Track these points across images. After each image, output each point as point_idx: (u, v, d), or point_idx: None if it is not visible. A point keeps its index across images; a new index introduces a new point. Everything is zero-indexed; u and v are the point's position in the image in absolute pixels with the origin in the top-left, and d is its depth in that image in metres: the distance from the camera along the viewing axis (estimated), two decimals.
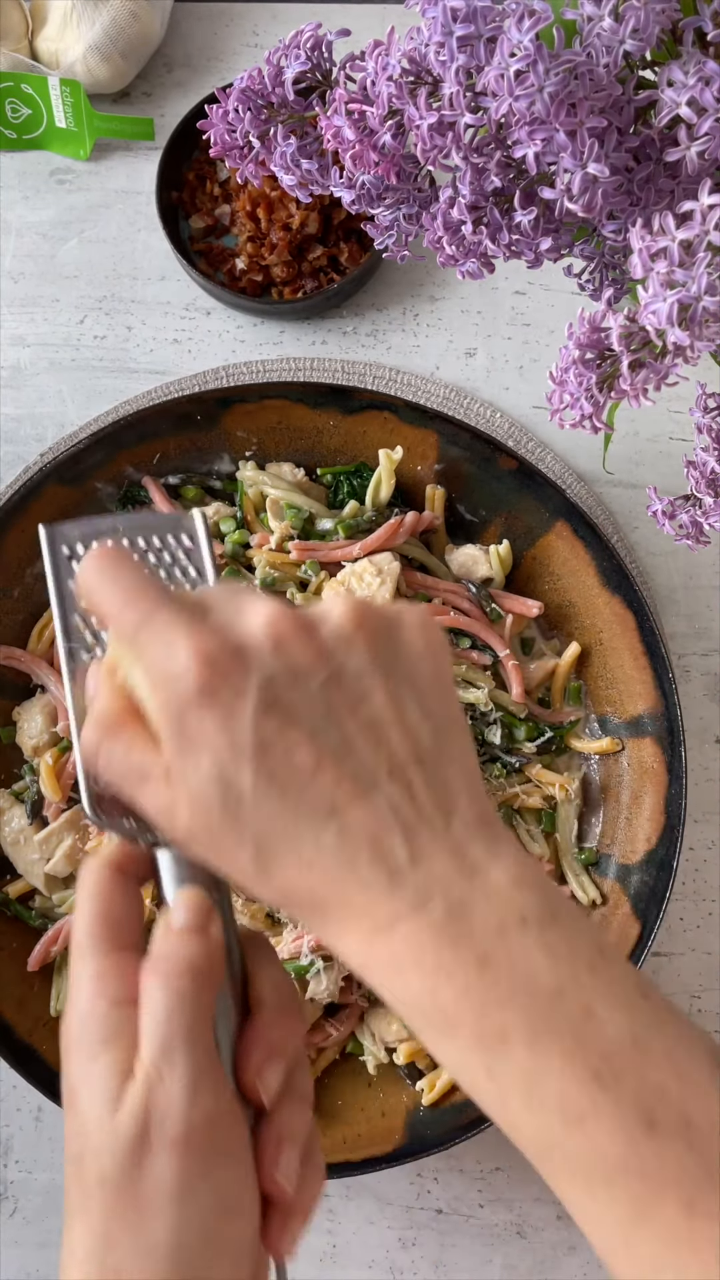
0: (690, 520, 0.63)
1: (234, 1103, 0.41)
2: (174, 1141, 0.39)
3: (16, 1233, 0.76)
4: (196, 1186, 0.39)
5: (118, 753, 0.41)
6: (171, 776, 0.40)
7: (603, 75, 0.43)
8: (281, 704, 0.39)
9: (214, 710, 0.38)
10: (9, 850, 0.77)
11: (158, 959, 0.42)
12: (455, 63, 0.43)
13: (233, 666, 0.39)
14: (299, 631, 0.40)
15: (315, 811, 0.38)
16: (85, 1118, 0.40)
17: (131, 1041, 0.41)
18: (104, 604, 0.42)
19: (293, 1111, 0.43)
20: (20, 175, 0.93)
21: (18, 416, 0.88)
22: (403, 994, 0.39)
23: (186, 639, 0.39)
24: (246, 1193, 0.41)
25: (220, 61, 0.96)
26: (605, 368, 0.50)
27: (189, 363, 0.89)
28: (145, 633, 0.40)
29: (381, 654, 0.41)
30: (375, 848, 0.38)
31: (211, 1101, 0.40)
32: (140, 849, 0.45)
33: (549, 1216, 0.76)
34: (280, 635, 0.40)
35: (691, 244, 0.44)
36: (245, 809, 0.38)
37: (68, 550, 0.47)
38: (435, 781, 0.40)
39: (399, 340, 0.90)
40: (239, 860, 0.39)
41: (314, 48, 0.49)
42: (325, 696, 0.39)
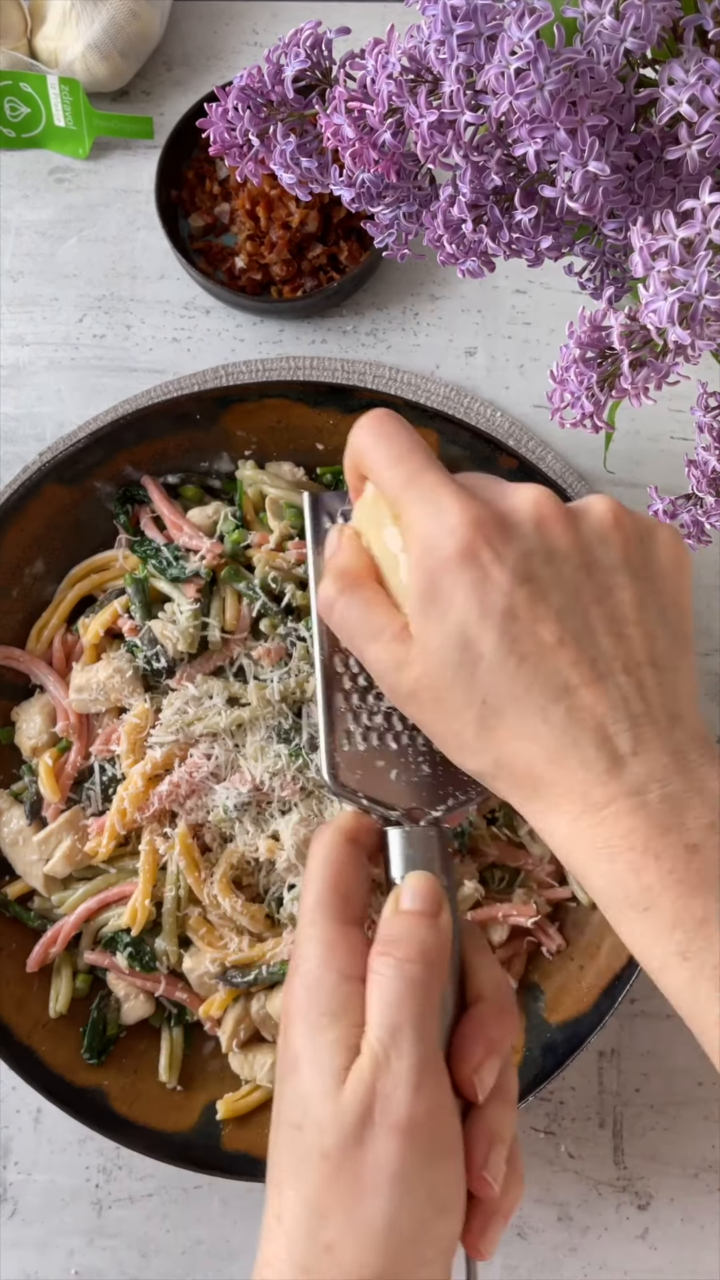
0: (691, 519, 0.63)
1: (452, 1098, 0.41)
2: (396, 1127, 0.39)
3: (16, 1234, 0.76)
4: (413, 1176, 0.39)
5: (355, 606, 0.43)
6: (411, 631, 0.41)
7: (603, 73, 0.43)
8: (536, 578, 0.40)
9: (471, 571, 0.39)
10: (7, 851, 0.77)
11: (390, 941, 0.42)
12: (455, 61, 0.43)
13: (496, 534, 0.40)
14: (561, 516, 0.41)
15: (549, 686, 0.39)
16: (308, 1089, 0.40)
17: (358, 1018, 0.41)
18: (373, 460, 0.43)
19: (502, 1111, 0.43)
20: (19, 174, 0.93)
21: (17, 415, 0.88)
22: (605, 872, 0.39)
23: (455, 500, 0.40)
24: (457, 1190, 0.41)
25: (220, 60, 0.96)
26: (606, 367, 0.50)
27: (188, 362, 0.89)
28: (414, 489, 0.41)
29: (634, 556, 0.42)
30: (600, 732, 0.39)
31: (434, 1092, 0.40)
32: (373, 824, 0.45)
33: (549, 1218, 0.76)
34: (544, 515, 0.41)
35: (692, 242, 0.44)
36: (481, 670, 0.40)
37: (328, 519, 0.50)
38: (665, 686, 0.41)
39: (399, 339, 0.89)
40: (461, 720, 0.40)
41: (314, 46, 0.49)
42: (576, 581, 0.41)
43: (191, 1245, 0.76)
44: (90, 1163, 0.77)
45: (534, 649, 0.39)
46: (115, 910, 0.75)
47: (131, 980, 0.75)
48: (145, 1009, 0.75)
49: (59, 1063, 0.73)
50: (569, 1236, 0.76)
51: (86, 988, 0.76)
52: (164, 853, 0.73)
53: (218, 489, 0.82)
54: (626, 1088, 0.78)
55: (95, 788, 0.76)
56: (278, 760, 0.72)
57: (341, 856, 0.45)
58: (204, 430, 0.79)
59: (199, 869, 0.73)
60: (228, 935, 0.73)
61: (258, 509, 0.80)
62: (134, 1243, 0.76)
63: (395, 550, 0.43)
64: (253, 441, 0.80)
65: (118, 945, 0.75)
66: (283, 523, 0.78)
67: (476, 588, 0.39)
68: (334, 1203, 0.39)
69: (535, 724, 0.39)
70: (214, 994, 0.74)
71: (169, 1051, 0.75)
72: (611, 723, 0.39)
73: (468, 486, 0.42)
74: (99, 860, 0.75)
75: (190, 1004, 0.75)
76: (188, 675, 0.75)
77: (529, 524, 0.41)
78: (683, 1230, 0.76)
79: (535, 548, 0.40)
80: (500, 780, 0.41)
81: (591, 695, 0.39)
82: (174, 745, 0.73)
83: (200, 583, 0.76)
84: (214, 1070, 0.76)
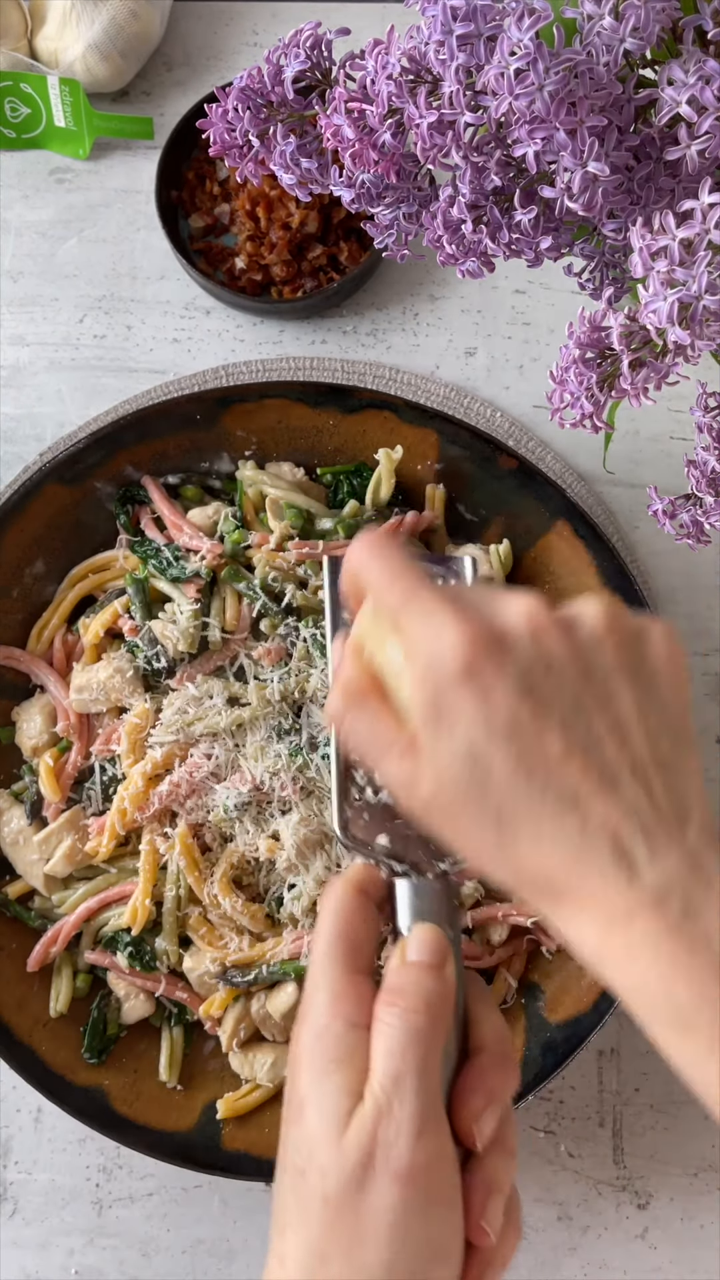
0: (691, 519, 0.63)
1: (452, 1147, 0.42)
2: (397, 1174, 0.40)
3: (16, 1233, 0.76)
4: (413, 1223, 0.40)
5: (364, 721, 0.44)
6: (419, 749, 0.41)
7: (603, 74, 0.43)
8: (537, 691, 0.40)
9: (473, 688, 0.40)
10: (8, 851, 0.77)
11: (396, 991, 0.43)
12: (455, 61, 0.43)
13: (495, 650, 0.40)
14: (556, 626, 0.42)
15: (560, 798, 0.40)
16: (313, 1134, 0.41)
17: (363, 1065, 0.42)
18: (371, 579, 0.44)
19: (502, 1161, 0.44)
20: (19, 174, 0.93)
21: (17, 416, 0.88)
22: (637, 985, 0.39)
23: (453, 618, 0.41)
24: (456, 1238, 0.42)
25: (220, 60, 0.96)
26: (606, 367, 0.50)
27: (188, 362, 0.89)
28: (411, 608, 0.42)
29: (630, 659, 0.43)
30: (615, 840, 0.39)
31: (435, 1141, 0.41)
32: (383, 876, 0.47)
33: (550, 1217, 0.76)
34: (539, 627, 0.42)
35: (692, 243, 0.44)
36: (492, 786, 0.40)
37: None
38: (673, 788, 0.41)
39: (399, 339, 0.89)
40: (479, 834, 0.41)
41: (313, 46, 0.49)
42: (577, 690, 0.41)
43: (192, 1245, 0.76)
44: (90, 1162, 0.77)
45: (541, 761, 0.40)
46: (115, 910, 0.75)
47: (132, 980, 0.75)
48: (145, 1008, 0.75)
49: (59, 1062, 0.73)
50: (569, 1236, 0.76)
51: (87, 987, 0.76)
52: (164, 852, 0.73)
53: (218, 489, 0.82)
54: (626, 1087, 0.78)
55: (95, 788, 0.76)
56: (278, 760, 0.72)
57: (350, 907, 0.46)
58: (204, 430, 0.79)
59: (199, 869, 0.73)
60: (228, 935, 0.73)
61: (258, 509, 0.80)
62: (134, 1242, 0.76)
63: (397, 664, 0.43)
64: (253, 442, 0.80)
65: (118, 945, 0.75)
66: (283, 523, 0.78)
67: (480, 704, 0.40)
68: (334, 1247, 0.40)
69: (550, 836, 0.40)
70: (214, 993, 0.74)
71: (169, 1051, 0.75)
72: (624, 830, 0.39)
73: (462, 601, 0.42)
74: (99, 860, 0.75)
75: (190, 1003, 0.75)
76: (188, 675, 0.75)
77: (525, 637, 0.41)
78: (682, 1229, 0.76)
79: (534, 660, 0.41)
80: (525, 889, 0.41)
81: (602, 804, 0.40)
82: (174, 745, 0.73)
83: (200, 583, 0.76)
84: (214, 1070, 0.76)
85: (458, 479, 0.80)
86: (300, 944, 0.72)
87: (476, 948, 0.74)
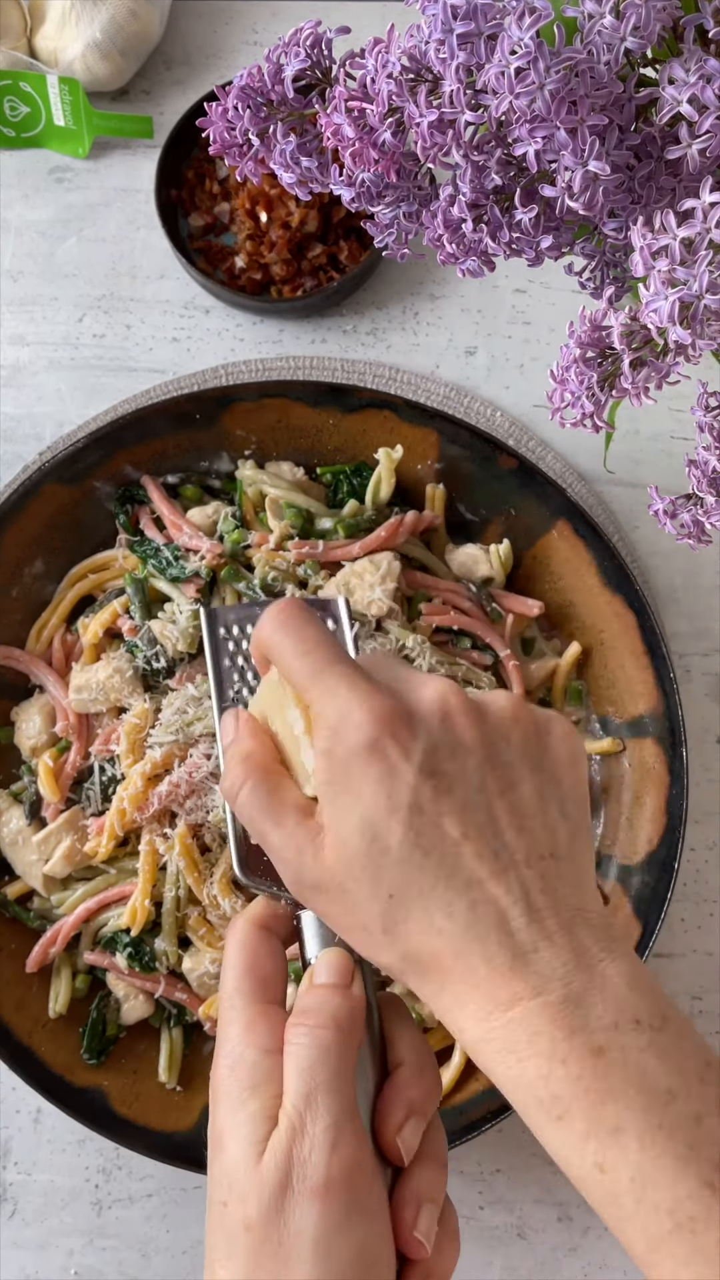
0: (691, 519, 0.63)
1: (373, 1159, 0.42)
2: (314, 1189, 0.40)
3: (16, 1234, 0.76)
4: (335, 1239, 0.40)
5: (261, 792, 0.44)
6: (319, 822, 0.42)
7: (604, 73, 0.43)
8: (440, 772, 0.41)
9: (378, 765, 0.40)
10: (7, 851, 0.76)
11: (303, 1012, 0.43)
12: (455, 60, 0.43)
13: (402, 729, 0.41)
14: (465, 710, 0.42)
15: (454, 879, 0.40)
16: (232, 1164, 0.41)
17: (278, 1089, 0.42)
18: (280, 653, 0.44)
19: (430, 1173, 0.44)
20: (19, 174, 0.93)
21: (16, 415, 0.88)
22: (514, 1075, 0.39)
23: (364, 696, 0.41)
24: (384, 1249, 0.42)
25: (219, 59, 0.96)
26: (606, 366, 0.50)
27: (188, 361, 0.89)
28: (323, 682, 0.42)
29: (533, 750, 0.43)
30: (503, 926, 0.40)
31: (351, 1153, 0.41)
32: (285, 910, 0.47)
33: (549, 1218, 0.76)
34: (448, 710, 0.42)
35: (693, 242, 0.44)
36: (388, 863, 0.40)
37: (224, 630, 0.52)
38: (566, 877, 0.41)
39: (399, 339, 0.89)
40: (368, 913, 0.41)
41: (314, 45, 0.49)
42: (481, 775, 0.41)
43: (191, 1245, 0.76)
44: (90, 1163, 0.77)
45: (438, 842, 0.40)
46: (115, 910, 0.75)
47: (131, 980, 0.75)
48: (145, 1009, 0.75)
49: (59, 1063, 0.73)
50: (569, 1236, 0.76)
51: (86, 988, 0.76)
52: (164, 853, 0.73)
53: (217, 489, 0.82)
54: None
55: (95, 788, 0.76)
56: None
57: (254, 942, 0.46)
58: (204, 430, 0.79)
59: (199, 869, 0.73)
60: None
61: (257, 509, 0.80)
62: (134, 1243, 0.76)
63: (298, 733, 0.44)
64: (252, 441, 0.80)
65: (117, 945, 0.75)
66: (282, 522, 0.78)
67: (383, 781, 0.40)
68: (262, 1272, 0.40)
69: (440, 917, 0.40)
70: (214, 994, 0.74)
71: (168, 1052, 0.75)
72: (513, 916, 0.40)
73: (375, 676, 0.43)
74: (98, 860, 0.75)
75: (190, 1004, 0.75)
76: (187, 675, 0.75)
77: (434, 718, 0.41)
78: None
79: (440, 742, 0.41)
80: (409, 975, 0.41)
81: (495, 888, 0.40)
82: (174, 745, 0.73)
83: (200, 582, 0.76)
84: None
85: (458, 479, 0.80)
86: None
87: None
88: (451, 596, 0.79)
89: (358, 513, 0.79)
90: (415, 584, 0.78)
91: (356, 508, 0.79)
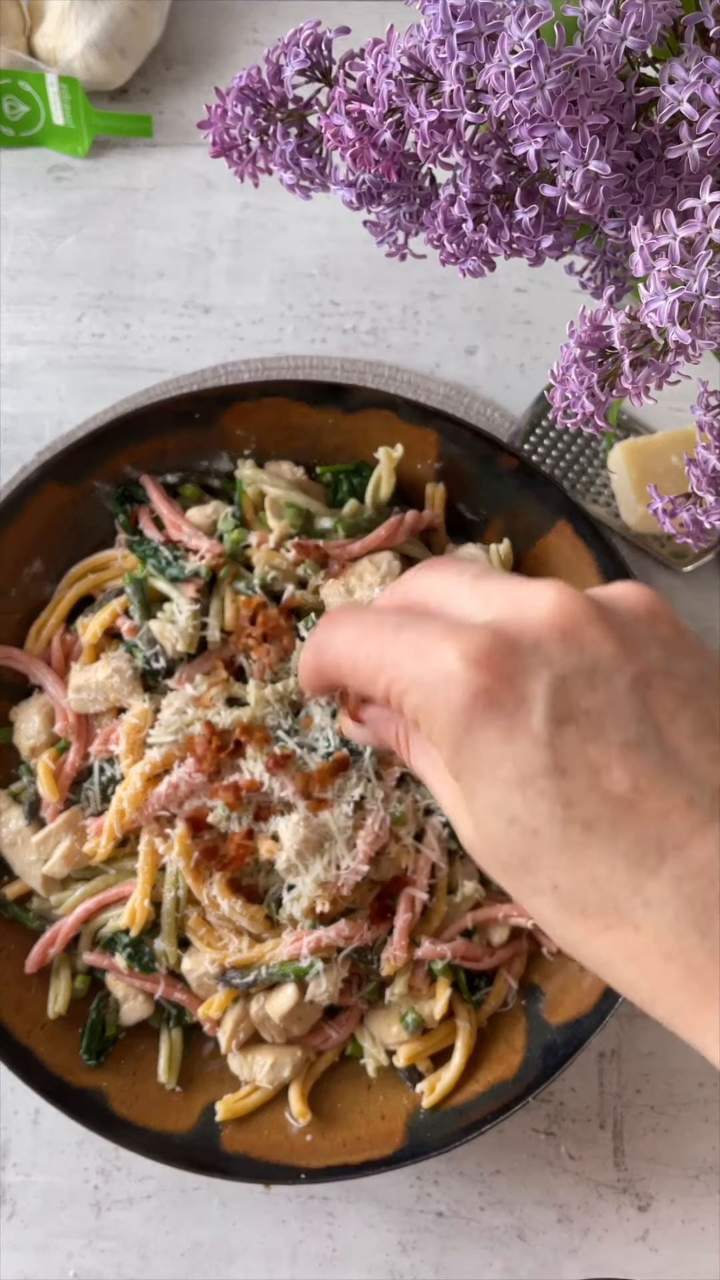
0: (691, 518, 0.63)
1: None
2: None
3: (15, 1235, 0.76)
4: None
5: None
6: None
7: (604, 72, 0.43)
8: (581, 711, 0.31)
9: (494, 725, 0.31)
10: (6, 852, 0.76)
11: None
12: (455, 60, 0.43)
13: (512, 666, 0.31)
14: (593, 617, 0.32)
15: (640, 852, 0.30)
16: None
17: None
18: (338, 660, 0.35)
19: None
20: (18, 172, 0.93)
21: (15, 415, 0.88)
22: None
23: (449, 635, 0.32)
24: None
25: (219, 58, 0.96)
26: (606, 366, 0.50)
27: (187, 360, 0.89)
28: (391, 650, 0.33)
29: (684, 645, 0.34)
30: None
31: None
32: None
33: (550, 1220, 0.76)
34: (570, 623, 0.32)
35: (693, 242, 0.44)
36: (541, 849, 0.31)
37: None
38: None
39: (399, 338, 0.89)
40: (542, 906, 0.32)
41: (313, 45, 0.49)
42: (638, 698, 0.31)
43: (191, 1247, 0.76)
44: (89, 1164, 0.77)
45: (603, 807, 0.30)
46: (114, 911, 0.75)
47: (130, 981, 0.75)
48: (144, 1010, 0.75)
49: (58, 1064, 0.72)
50: (569, 1238, 0.76)
51: (85, 989, 0.76)
52: (163, 853, 0.73)
53: (217, 488, 0.82)
54: (627, 1089, 0.78)
55: (94, 788, 0.76)
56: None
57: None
58: (203, 429, 0.79)
59: (198, 870, 0.72)
60: (227, 936, 0.73)
61: (257, 508, 0.80)
62: (133, 1244, 0.76)
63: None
64: (252, 440, 0.80)
65: (117, 946, 0.74)
66: (282, 522, 0.77)
67: (507, 745, 0.31)
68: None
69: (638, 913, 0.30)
70: (213, 995, 0.74)
71: (168, 1052, 0.75)
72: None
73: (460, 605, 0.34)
74: (97, 861, 0.75)
75: (189, 1005, 0.75)
76: (187, 675, 0.75)
77: (553, 640, 0.32)
78: (683, 1232, 0.76)
79: (571, 670, 0.31)
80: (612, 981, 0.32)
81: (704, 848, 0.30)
82: (173, 746, 0.73)
83: (200, 582, 0.76)
84: (213, 1071, 0.76)
85: (458, 478, 0.80)
86: (299, 945, 0.71)
87: (477, 949, 0.74)
88: None
89: (358, 512, 0.78)
90: None
91: (356, 507, 0.79)
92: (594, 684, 0.31)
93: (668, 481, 0.78)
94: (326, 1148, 0.72)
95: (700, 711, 0.31)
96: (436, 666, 0.31)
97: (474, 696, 0.31)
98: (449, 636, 0.31)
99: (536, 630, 0.32)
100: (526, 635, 0.32)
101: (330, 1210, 0.76)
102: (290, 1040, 0.74)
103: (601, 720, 0.31)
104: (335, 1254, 0.76)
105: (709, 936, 0.29)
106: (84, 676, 0.75)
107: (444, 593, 0.35)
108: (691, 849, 0.30)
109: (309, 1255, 0.76)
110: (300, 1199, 0.76)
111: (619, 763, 0.30)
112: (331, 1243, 0.76)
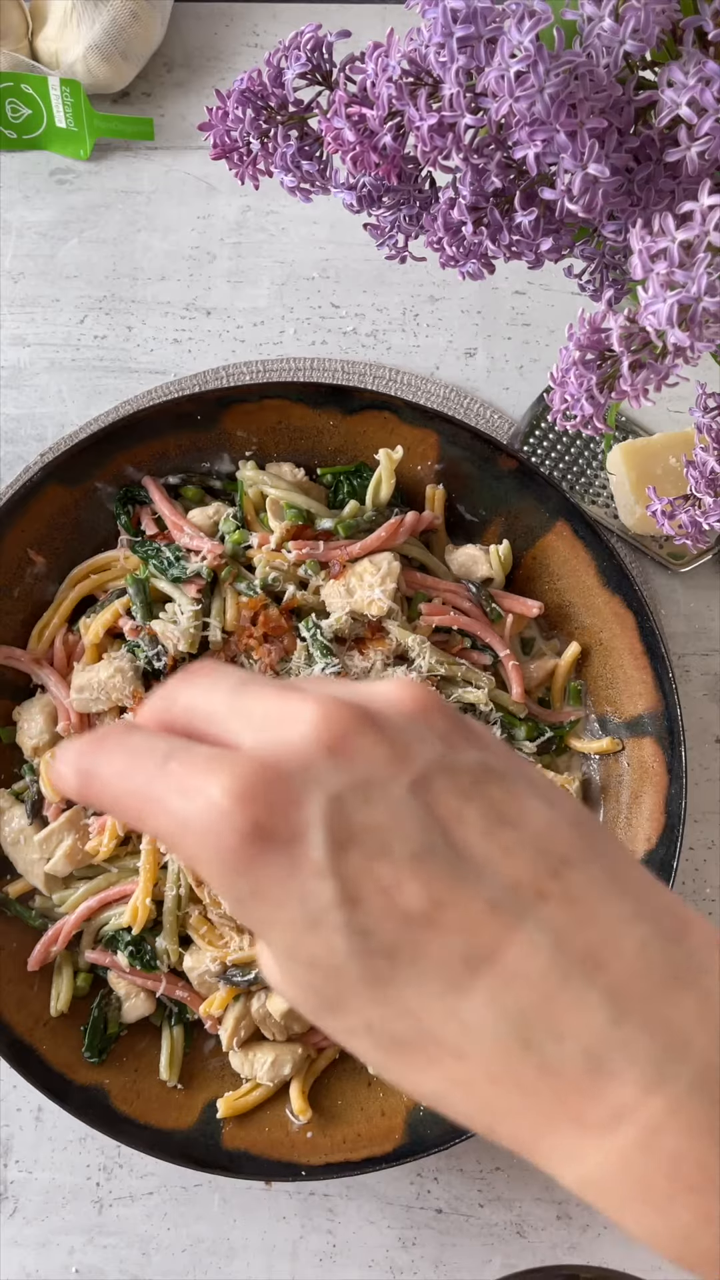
0: (690, 520, 0.63)
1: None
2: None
3: (16, 1232, 0.76)
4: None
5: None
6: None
7: (603, 76, 0.43)
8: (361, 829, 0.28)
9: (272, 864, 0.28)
10: (9, 850, 0.77)
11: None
12: (455, 64, 0.43)
13: (280, 794, 0.28)
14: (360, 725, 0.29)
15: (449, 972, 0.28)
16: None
17: None
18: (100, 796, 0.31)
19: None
20: (20, 175, 0.93)
21: (18, 416, 0.88)
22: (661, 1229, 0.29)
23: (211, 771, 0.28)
24: None
25: (220, 61, 0.96)
26: (605, 368, 0.50)
27: (189, 362, 0.89)
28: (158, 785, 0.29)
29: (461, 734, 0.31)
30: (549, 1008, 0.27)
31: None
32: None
33: (549, 1216, 0.76)
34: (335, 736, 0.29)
35: (691, 245, 0.44)
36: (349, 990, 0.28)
37: None
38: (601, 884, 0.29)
39: (399, 340, 0.90)
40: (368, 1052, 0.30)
41: (314, 49, 0.49)
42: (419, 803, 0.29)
43: (192, 1243, 0.76)
44: (91, 1161, 0.77)
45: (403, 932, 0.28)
46: (116, 909, 0.75)
47: (132, 979, 0.75)
48: (146, 1008, 0.75)
49: (60, 1061, 0.73)
50: (568, 1235, 0.76)
51: (87, 986, 0.76)
52: (164, 852, 0.73)
53: (218, 489, 0.82)
54: None
55: None
56: None
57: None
58: (205, 431, 0.79)
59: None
60: (228, 934, 0.73)
61: (258, 509, 0.80)
62: (134, 1241, 0.76)
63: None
64: (253, 442, 0.80)
65: (118, 944, 0.75)
66: (283, 523, 0.78)
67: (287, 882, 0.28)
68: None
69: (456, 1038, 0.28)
70: (214, 992, 0.74)
71: (169, 1050, 0.75)
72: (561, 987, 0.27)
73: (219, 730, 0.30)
74: (100, 859, 0.75)
75: (191, 1002, 0.75)
76: None
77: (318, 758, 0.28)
78: None
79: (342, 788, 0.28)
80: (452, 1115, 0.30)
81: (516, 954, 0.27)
82: None
83: (201, 583, 0.77)
84: (214, 1069, 0.76)
85: (458, 479, 0.80)
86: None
87: None
88: (451, 597, 0.79)
89: (358, 513, 0.79)
90: (415, 584, 0.79)
91: (357, 508, 0.79)
92: (370, 798, 0.28)
93: (666, 483, 0.79)
94: (327, 1145, 0.72)
95: (487, 804, 0.29)
96: (203, 805, 0.28)
97: (244, 836, 0.28)
98: (211, 769, 0.28)
99: (302, 750, 0.29)
100: (293, 758, 0.28)
101: (330, 1207, 0.76)
102: (291, 1038, 0.75)
103: (384, 835, 0.28)
104: (335, 1250, 0.76)
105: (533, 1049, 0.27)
106: (86, 676, 0.76)
107: (205, 711, 0.31)
108: (502, 956, 0.27)
109: (309, 1251, 0.76)
110: (301, 1195, 0.77)
111: (410, 878, 0.28)
112: (332, 1239, 0.76)
